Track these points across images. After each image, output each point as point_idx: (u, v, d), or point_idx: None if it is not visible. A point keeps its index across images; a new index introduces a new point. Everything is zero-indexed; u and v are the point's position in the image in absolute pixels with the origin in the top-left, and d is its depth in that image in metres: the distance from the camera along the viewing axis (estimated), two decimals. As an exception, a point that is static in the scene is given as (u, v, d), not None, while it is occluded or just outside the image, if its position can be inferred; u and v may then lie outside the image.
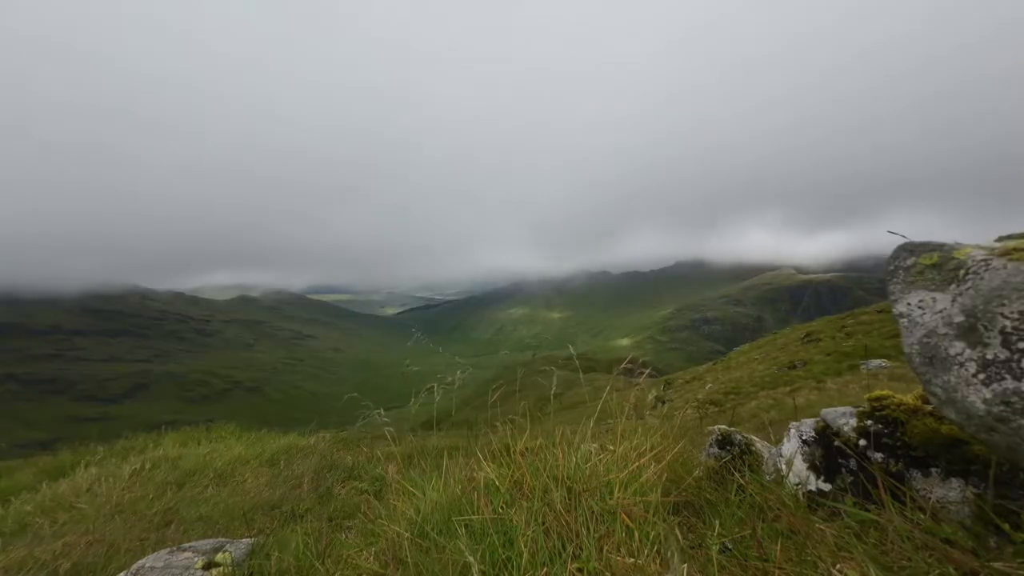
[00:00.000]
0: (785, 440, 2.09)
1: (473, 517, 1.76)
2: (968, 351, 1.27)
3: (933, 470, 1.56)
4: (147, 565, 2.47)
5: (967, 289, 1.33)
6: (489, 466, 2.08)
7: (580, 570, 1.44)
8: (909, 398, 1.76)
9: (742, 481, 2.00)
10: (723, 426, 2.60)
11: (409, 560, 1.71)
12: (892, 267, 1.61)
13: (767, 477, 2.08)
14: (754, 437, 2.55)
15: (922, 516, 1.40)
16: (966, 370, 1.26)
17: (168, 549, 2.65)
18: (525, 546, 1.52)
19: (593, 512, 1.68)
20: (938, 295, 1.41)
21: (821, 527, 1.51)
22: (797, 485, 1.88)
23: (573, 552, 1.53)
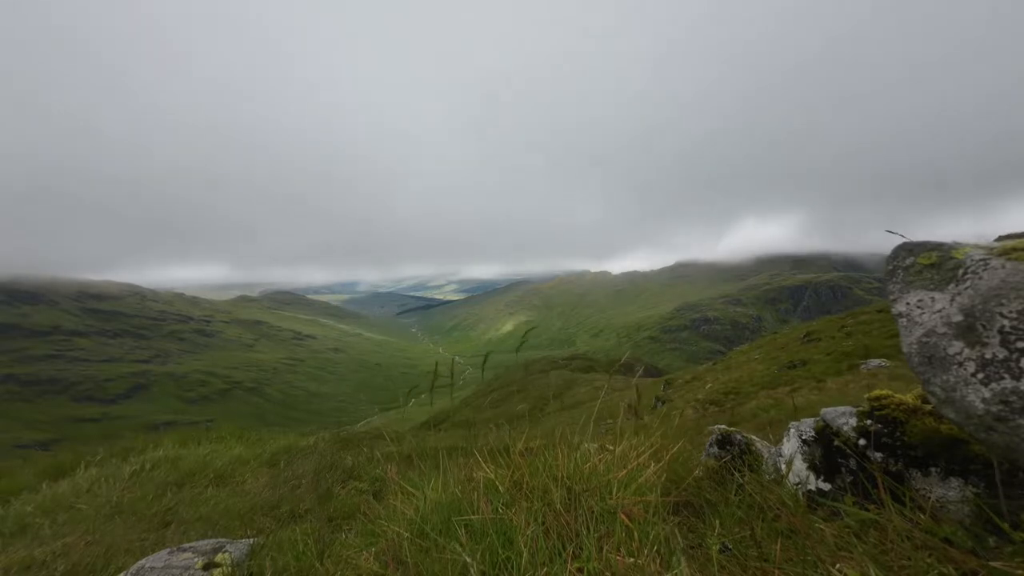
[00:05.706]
0: (785, 440, 2.09)
1: (473, 517, 1.76)
2: (967, 350, 1.27)
3: (932, 470, 1.56)
4: (147, 566, 2.47)
5: (966, 289, 1.33)
6: (488, 466, 2.08)
7: (580, 570, 1.43)
8: (909, 398, 1.76)
9: (742, 481, 2.00)
10: (723, 426, 2.61)
11: (409, 560, 1.71)
12: (891, 267, 1.61)
13: (767, 477, 2.08)
14: (754, 437, 2.55)
15: (922, 516, 1.40)
16: (965, 369, 1.27)
17: (168, 550, 2.65)
18: (525, 546, 1.52)
19: (593, 512, 1.68)
20: (937, 295, 1.41)
21: (821, 527, 1.51)
22: (797, 485, 1.88)
23: (573, 552, 1.53)
